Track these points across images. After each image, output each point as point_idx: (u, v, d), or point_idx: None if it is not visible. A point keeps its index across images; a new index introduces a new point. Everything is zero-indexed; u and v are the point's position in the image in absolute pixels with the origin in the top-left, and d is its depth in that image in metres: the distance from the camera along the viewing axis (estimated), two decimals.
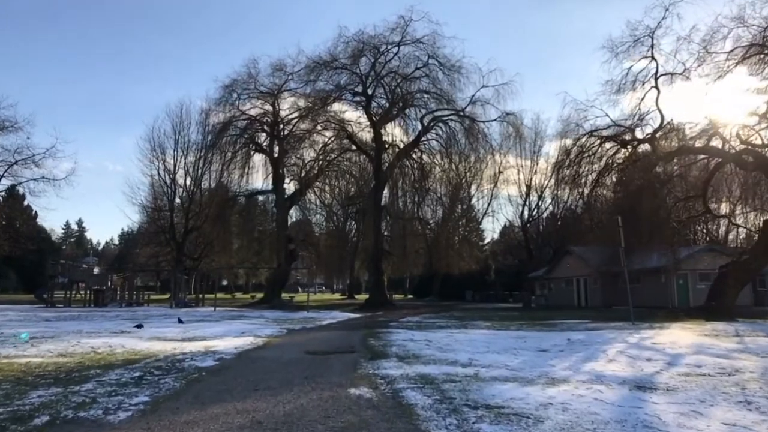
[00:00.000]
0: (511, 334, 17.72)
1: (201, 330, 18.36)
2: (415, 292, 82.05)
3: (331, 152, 54.15)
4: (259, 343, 14.43)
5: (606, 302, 42.20)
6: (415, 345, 14.09)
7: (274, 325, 23.14)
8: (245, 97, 53.42)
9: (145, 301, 47.35)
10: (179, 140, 58.46)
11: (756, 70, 28.73)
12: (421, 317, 30.73)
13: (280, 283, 56.35)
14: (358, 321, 28.00)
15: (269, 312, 35.28)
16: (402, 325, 23.55)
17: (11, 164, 49.45)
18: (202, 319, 26.41)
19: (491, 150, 47.24)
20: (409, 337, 16.03)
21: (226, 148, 53.11)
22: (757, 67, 28.47)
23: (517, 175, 62.72)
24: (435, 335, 16.97)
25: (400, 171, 47.47)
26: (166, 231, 59.66)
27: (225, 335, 16.58)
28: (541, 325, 22.44)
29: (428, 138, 48.69)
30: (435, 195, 49.87)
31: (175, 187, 59.57)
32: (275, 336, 16.89)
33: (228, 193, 54.73)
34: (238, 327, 20.48)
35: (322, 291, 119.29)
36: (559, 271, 50.60)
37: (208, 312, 34.60)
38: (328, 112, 49.65)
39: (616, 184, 37.29)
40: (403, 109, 47.03)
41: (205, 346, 13.49)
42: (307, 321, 26.40)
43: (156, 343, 14.05)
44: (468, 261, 52.48)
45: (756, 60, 28.49)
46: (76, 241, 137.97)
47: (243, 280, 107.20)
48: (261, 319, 27.43)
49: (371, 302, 45.53)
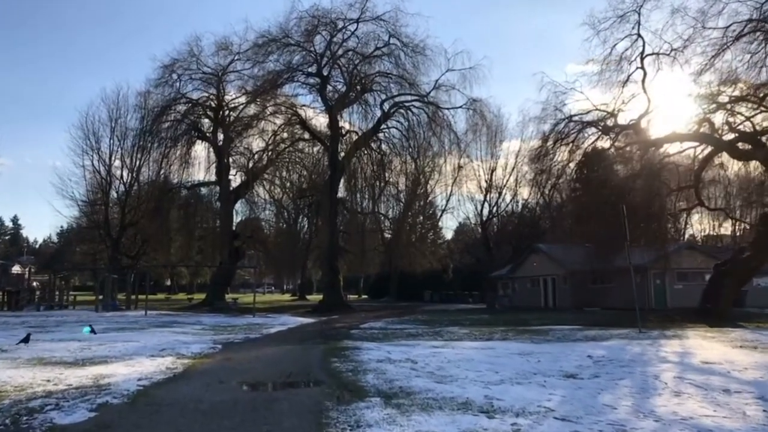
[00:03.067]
0: (510, 348, 14.08)
1: (109, 345, 14.04)
2: (370, 292, 78.38)
3: (281, 142, 49.87)
4: (179, 369, 10.30)
5: (576, 303, 39.77)
6: (396, 369, 10.27)
7: (209, 334, 18.96)
8: (186, 78, 48.71)
9: (70, 303, 42.10)
10: (116, 128, 52.65)
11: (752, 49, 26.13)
12: (383, 322, 27.07)
13: (223, 283, 51.72)
14: (313, 328, 24.03)
15: (208, 317, 30.86)
16: (366, 333, 19.74)
17: None
18: (123, 327, 21.91)
19: (456, 140, 43.78)
20: (385, 355, 12.18)
21: (166, 134, 48.28)
22: (754, 46, 25.85)
23: (479, 169, 59.39)
24: (415, 351, 13.18)
25: (358, 161, 43.59)
26: (101, 227, 53.98)
27: (137, 353, 12.37)
28: (529, 333, 19.03)
29: (389, 126, 44.90)
30: (395, 188, 46.17)
31: (111, 179, 53.81)
32: (205, 354, 12.76)
33: (167, 185, 49.78)
34: (161, 339, 16.25)
35: (271, 291, 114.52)
36: (523, 271, 47.85)
37: (138, 317, 29.96)
38: (278, 96, 45.24)
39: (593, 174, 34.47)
40: (361, 93, 43.02)
41: (97, 375, 9.31)
42: (252, 329, 22.27)
43: (27, 370, 9.80)
44: (430, 259, 49.06)
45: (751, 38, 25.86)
46: (10, 239, 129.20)
47: (186, 280, 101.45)
48: (196, 326, 23.13)
49: (326, 304, 41.49)
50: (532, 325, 23.94)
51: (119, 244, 53.38)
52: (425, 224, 58.37)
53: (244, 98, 47.54)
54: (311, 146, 50.11)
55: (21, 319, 25.99)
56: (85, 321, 25.01)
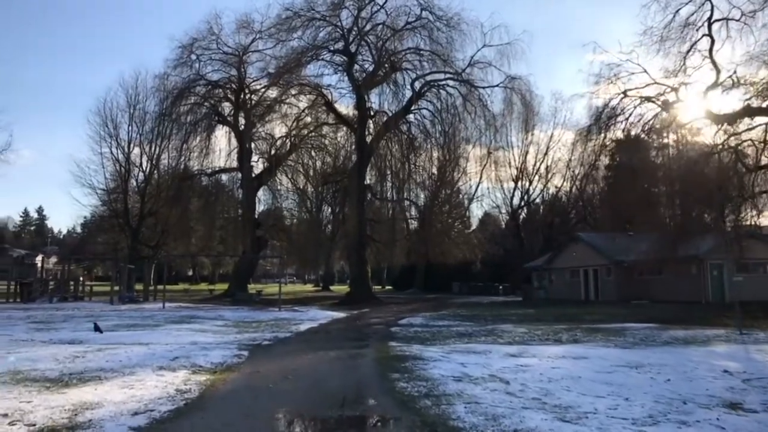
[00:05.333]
0: (604, 356, 11.20)
1: (110, 351, 11.44)
2: (395, 283, 75.59)
3: (304, 127, 47.26)
4: (192, 392, 7.61)
5: (622, 296, 36.94)
6: (488, 394, 7.49)
7: (232, 333, 16.38)
8: (206, 59, 46.41)
9: (86, 295, 39.96)
10: (134, 114, 50.47)
11: None
12: (421, 317, 24.35)
13: (245, 273, 49.45)
14: (347, 324, 21.41)
15: (231, 310, 28.37)
16: (410, 333, 17.03)
17: None
18: (135, 323, 19.43)
19: (493, 121, 40.62)
20: (459, 369, 9.41)
21: (185, 119, 45.93)
22: None
23: (510, 154, 55.79)
24: (493, 362, 10.38)
25: (387, 144, 40.71)
26: (120, 216, 51.95)
27: (142, 364, 9.76)
28: (601, 333, 16.17)
29: (420, 106, 41.90)
30: (425, 174, 43.23)
31: (130, 166, 51.73)
32: (227, 366, 10.06)
33: (187, 172, 47.54)
34: (176, 340, 13.68)
35: (293, 282, 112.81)
36: (562, 261, 44.90)
37: (154, 310, 27.58)
38: (302, 76, 42.49)
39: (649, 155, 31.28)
40: (391, 72, 40.03)
41: (79, 404, 6.67)
42: (280, 325, 19.68)
43: None
44: (463, 249, 46.09)
45: None
46: (35, 230, 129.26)
47: (208, 270, 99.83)
48: (217, 322, 20.59)
49: (353, 296, 38.87)
50: (587, 321, 21.22)
51: (139, 233, 51.39)
52: (452, 213, 55.38)
53: (266, 80, 45.02)
54: (336, 131, 47.47)
55: (27, 313, 23.69)
56: (95, 315, 22.66)
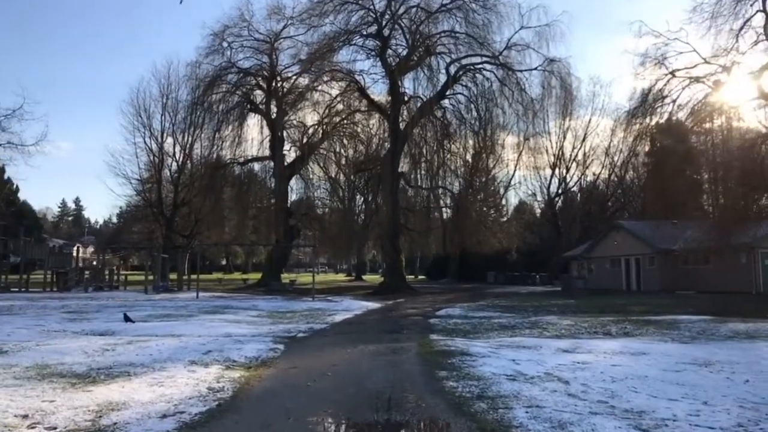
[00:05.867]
0: (665, 351, 10.32)
1: (142, 343, 11.00)
2: (428, 273, 74.85)
3: (336, 114, 46.70)
4: (225, 391, 7.02)
5: (666, 286, 35.68)
6: (548, 396, 6.74)
7: (267, 324, 15.93)
8: (237, 46, 46.21)
9: (121, 284, 40.27)
10: (167, 104, 50.63)
11: None
12: (459, 308, 23.55)
13: (279, 263, 49.28)
14: (383, 315, 20.84)
15: (265, 300, 28.06)
16: (450, 325, 16.33)
17: None
18: (168, 313, 19.14)
19: (532, 106, 39.34)
20: (511, 367, 8.67)
21: (217, 107, 45.82)
22: None
23: (547, 140, 54.03)
24: (546, 358, 9.60)
25: (422, 130, 39.84)
26: (154, 206, 52.29)
27: (173, 358, 9.26)
28: (654, 326, 15.15)
29: (455, 91, 40.88)
30: (461, 160, 42.23)
31: (163, 156, 52.00)
32: (262, 361, 9.50)
33: (220, 161, 47.48)
34: (209, 332, 13.24)
35: (325, 271, 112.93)
36: (602, 250, 43.58)
37: (188, 300, 27.42)
38: (334, 63, 41.85)
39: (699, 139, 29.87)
40: (425, 56, 39.06)
41: (104, 404, 6.16)
42: (314, 315, 19.20)
43: (8, 392, 6.75)
44: (500, 238, 45.04)
45: None
46: (73, 220, 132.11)
47: (241, 259, 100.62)
48: (251, 312, 20.21)
49: (387, 286, 38.29)
50: (634, 312, 20.15)
51: (173, 223, 51.67)
52: (487, 201, 54.23)
53: (298, 67, 44.56)
54: (368, 118, 46.82)
55: (62, 303, 23.71)
56: (129, 305, 22.53)
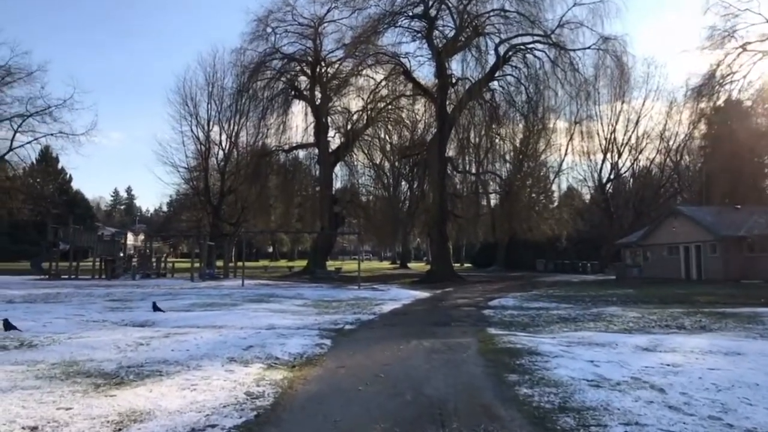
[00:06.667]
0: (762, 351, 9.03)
1: (179, 337, 10.28)
2: (474, 261, 73.40)
3: (380, 100, 45.63)
4: (266, 397, 6.11)
5: (729, 275, 33.49)
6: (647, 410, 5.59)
7: (312, 314, 15.14)
8: (282, 31, 45.70)
9: (168, 271, 40.42)
10: (213, 92, 50.65)
11: None
12: (512, 298, 22.36)
13: (324, 250, 48.79)
14: (432, 306, 19.84)
15: (310, 288, 27.42)
16: (505, 317, 15.25)
17: (26, 117, 44.08)
18: (213, 302, 18.58)
19: (585, 87, 37.45)
20: (590, 369, 7.54)
21: (262, 94, 45.48)
22: None
23: (599, 123, 51.60)
24: (629, 359, 8.39)
25: (470, 114, 38.43)
26: (201, 194, 52.58)
27: (211, 355, 8.47)
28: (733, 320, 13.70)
29: (504, 72, 39.28)
30: (509, 145, 40.68)
31: (210, 144, 52.10)
32: (307, 358, 8.60)
33: (265, 148, 47.25)
34: (252, 323, 12.50)
35: (369, 259, 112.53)
36: (658, 237, 41.43)
37: (233, 287, 27.00)
38: (378, 46, 40.73)
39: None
40: (473, 37, 37.56)
41: (128, 412, 5.33)
42: (361, 305, 18.36)
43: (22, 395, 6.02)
44: (551, 225, 43.37)
45: None
46: (125, 209, 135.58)
47: (287, 247, 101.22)
48: (296, 301, 19.52)
49: (434, 275, 37.22)
50: (702, 303, 18.68)
51: (220, 210, 51.86)
52: (536, 187, 52.40)
53: (342, 51, 43.70)
54: (413, 102, 45.58)
55: (108, 290, 23.53)
56: (174, 293, 22.18)
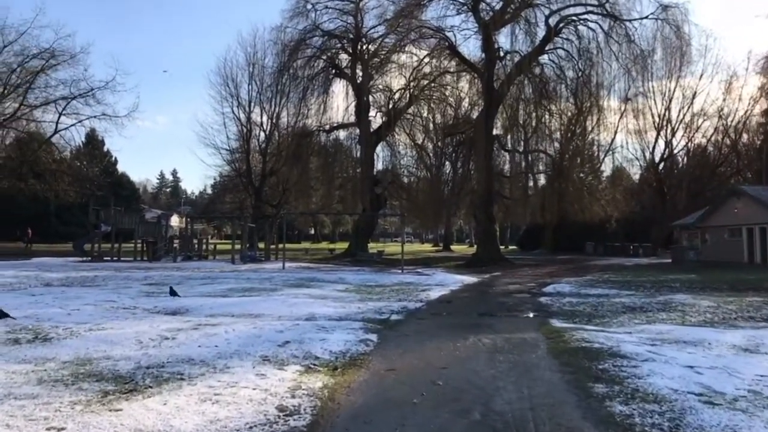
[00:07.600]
0: None
1: (209, 329, 9.33)
2: (520, 243, 71.41)
3: (423, 77, 44.02)
4: (301, 413, 4.88)
5: None
6: None
7: (354, 302, 14.07)
8: (322, 7, 44.43)
9: (210, 254, 40.17)
10: (254, 73, 49.74)
11: None
12: (567, 284, 20.84)
13: (365, 232, 47.86)
14: (482, 291, 18.63)
15: (352, 272, 26.45)
16: (564, 305, 13.94)
17: (70, 99, 44.06)
18: (252, 287, 17.75)
19: (642, 61, 35.12)
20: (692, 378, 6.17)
21: (302, 73, 44.48)
22: None
23: (652, 100, 48.71)
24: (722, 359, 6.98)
25: (518, 89, 36.65)
26: (243, 175, 52.20)
27: (242, 352, 7.43)
28: None
29: (555, 46, 37.25)
30: (559, 122, 38.72)
31: (251, 125, 51.46)
32: (350, 358, 7.44)
33: (306, 129, 46.40)
34: (291, 312, 11.51)
35: (410, 241, 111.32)
36: (718, 219, 38.99)
37: (274, 271, 26.25)
38: (422, 21, 39.14)
39: None
40: (522, 8, 35.67)
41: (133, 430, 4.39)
42: (406, 291, 17.24)
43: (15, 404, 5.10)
44: (604, 206, 41.30)
45: None
46: (171, 191, 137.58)
47: (328, 229, 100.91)
48: (338, 286, 18.53)
49: (480, 258, 35.85)
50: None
51: (261, 192, 51.37)
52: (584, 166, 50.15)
53: (384, 28, 42.23)
54: (457, 79, 43.86)
55: (147, 273, 23.05)
56: (213, 277, 21.52)
